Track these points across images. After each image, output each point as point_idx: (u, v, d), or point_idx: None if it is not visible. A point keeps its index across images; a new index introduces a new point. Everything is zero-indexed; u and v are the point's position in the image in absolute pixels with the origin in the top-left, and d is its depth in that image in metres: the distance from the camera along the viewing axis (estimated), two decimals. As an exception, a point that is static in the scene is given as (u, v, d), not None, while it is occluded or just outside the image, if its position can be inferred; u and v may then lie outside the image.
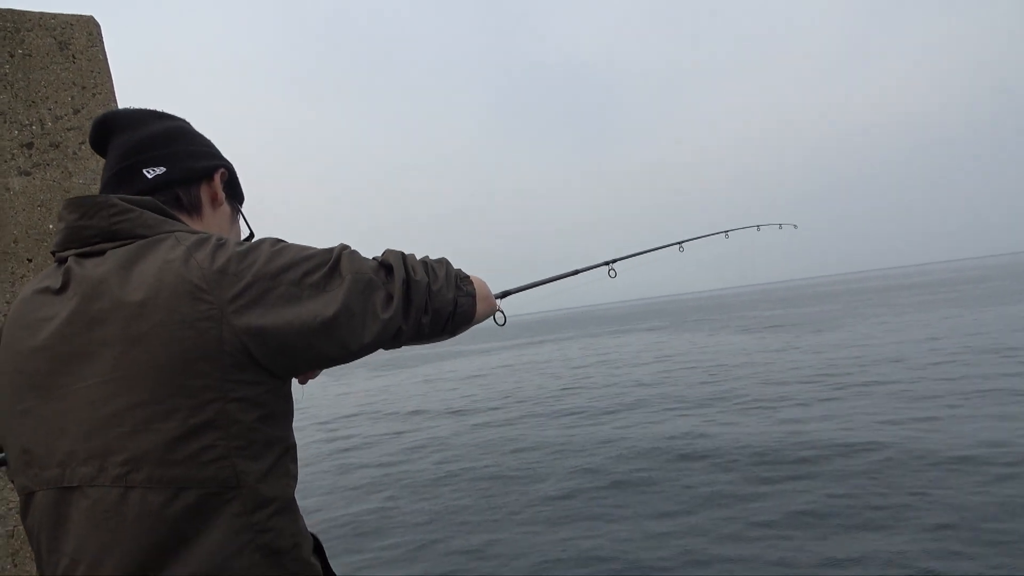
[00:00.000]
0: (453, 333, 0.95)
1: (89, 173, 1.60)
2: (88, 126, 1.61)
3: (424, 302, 0.85)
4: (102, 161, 1.60)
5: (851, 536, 4.50)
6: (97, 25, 1.64)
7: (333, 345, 0.77)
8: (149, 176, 0.86)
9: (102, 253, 0.76)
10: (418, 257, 0.92)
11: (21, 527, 1.44)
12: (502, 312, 1.20)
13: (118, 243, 0.77)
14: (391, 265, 0.85)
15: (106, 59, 1.65)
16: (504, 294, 1.24)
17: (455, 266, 0.98)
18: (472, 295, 0.95)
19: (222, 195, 0.94)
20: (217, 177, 0.93)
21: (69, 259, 0.78)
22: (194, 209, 0.90)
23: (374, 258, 0.87)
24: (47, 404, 0.73)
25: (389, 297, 0.82)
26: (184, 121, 0.96)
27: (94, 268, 0.75)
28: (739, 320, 33.47)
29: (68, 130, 1.58)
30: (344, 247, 0.83)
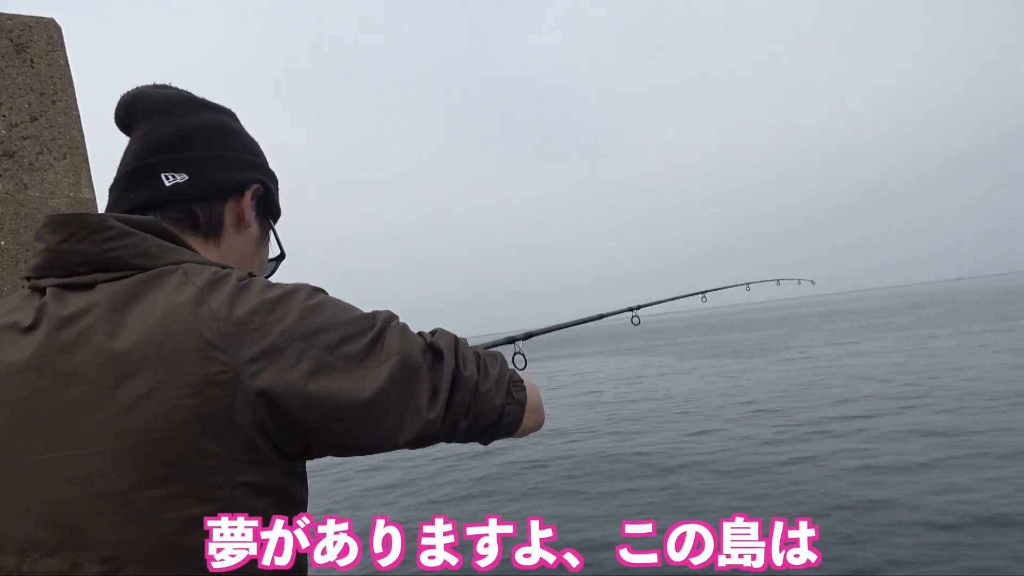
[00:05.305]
0: (487, 442, 0.81)
1: (47, 186, 1.49)
2: (47, 134, 1.50)
3: (467, 403, 0.72)
4: (60, 174, 1.50)
5: None
6: (58, 28, 1.54)
7: (362, 435, 0.64)
8: (167, 183, 0.73)
9: (91, 287, 0.63)
10: (470, 344, 0.79)
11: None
12: (523, 355, 1.17)
13: (111, 275, 0.63)
14: (441, 350, 0.72)
15: (67, 65, 1.55)
16: (528, 335, 1.23)
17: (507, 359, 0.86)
18: (522, 404, 0.80)
19: (250, 215, 0.81)
20: (248, 194, 0.80)
21: (47, 290, 0.64)
22: (212, 231, 0.77)
23: (420, 334, 0.74)
24: (4, 474, 0.58)
25: (435, 391, 0.69)
26: (226, 114, 0.82)
27: (77, 305, 0.61)
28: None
29: (24, 139, 1.47)
30: (391, 316, 0.71)
